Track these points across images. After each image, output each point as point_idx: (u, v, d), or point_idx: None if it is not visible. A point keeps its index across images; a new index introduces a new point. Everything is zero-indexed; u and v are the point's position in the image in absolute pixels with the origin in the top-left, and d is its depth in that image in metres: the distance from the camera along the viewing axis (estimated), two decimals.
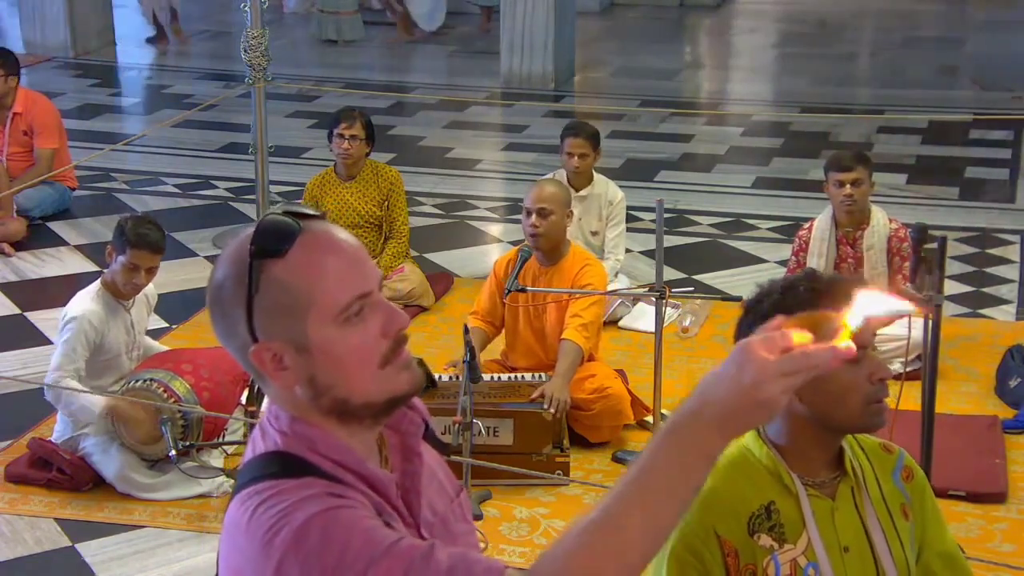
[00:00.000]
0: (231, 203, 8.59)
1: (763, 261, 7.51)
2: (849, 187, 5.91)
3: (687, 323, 6.53)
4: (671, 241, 7.27)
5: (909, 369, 5.06)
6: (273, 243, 1.73)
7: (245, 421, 5.13)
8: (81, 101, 11.21)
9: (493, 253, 7.52)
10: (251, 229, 1.75)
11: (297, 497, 1.68)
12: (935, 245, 3.98)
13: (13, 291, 7.11)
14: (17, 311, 6.85)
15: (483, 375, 4.92)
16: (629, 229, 7.16)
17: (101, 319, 5.09)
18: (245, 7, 7.22)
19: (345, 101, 10.02)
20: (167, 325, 6.50)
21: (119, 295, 5.18)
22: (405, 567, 1.63)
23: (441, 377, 5.24)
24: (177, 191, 8.85)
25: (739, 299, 2.84)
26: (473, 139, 10.21)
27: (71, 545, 4.77)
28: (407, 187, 7.02)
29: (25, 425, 5.54)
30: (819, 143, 9.71)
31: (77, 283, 6.35)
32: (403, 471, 1.84)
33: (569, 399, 5.25)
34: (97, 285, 5.19)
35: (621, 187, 6.96)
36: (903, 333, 5.22)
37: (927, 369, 4.15)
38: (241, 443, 5.19)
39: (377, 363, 1.74)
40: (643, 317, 6.47)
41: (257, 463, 1.77)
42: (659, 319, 4.98)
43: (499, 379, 5.37)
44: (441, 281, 7.11)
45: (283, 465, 1.73)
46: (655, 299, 4.95)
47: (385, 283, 6.39)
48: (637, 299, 6.60)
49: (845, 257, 6.03)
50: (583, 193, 6.65)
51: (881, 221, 6.03)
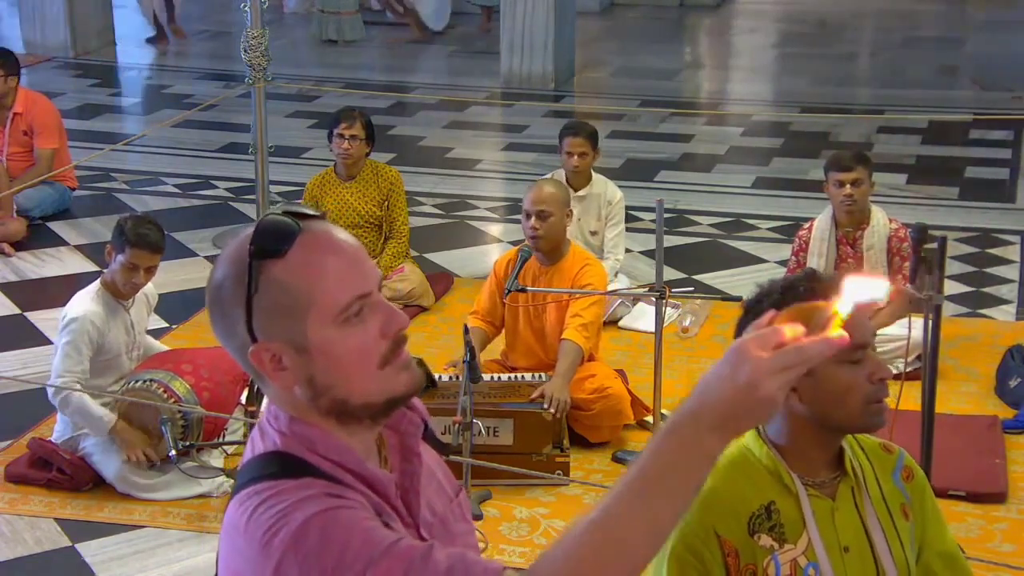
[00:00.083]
0: (231, 203, 8.59)
1: (763, 261, 7.51)
2: (849, 187, 5.91)
3: (687, 323, 6.53)
4: (671, 241, 7.27)
5: (909, 369, 5.07)
6: (273, 243, 1.72)
7: (245, 421, 5.13)
8: (81, 101, 11.21)
9: (493, 253, 7.52)
10: (251, 229, 1.75)
11: (296, 497, 1.68)
12: (935, 245, 3.99)
13: (13, 291, 7.11)
14: (17, 311, 6.85)
15: (483, 375, 4.92)
16: (629, 229, 7.16)
17: (102, 319, 5.09)
18: (245, 7, 7.21)
19: (345, 101, 10.02)
20: (167, 325, 6.50)
21: (119, 295, 5.18)
22: (404, 568, 1.62)
23: (441, 377, 5.24)
24: (177, 191, 8.85)
25: (739, 299, 2.84)
26: (473, 139, 10.21)
27: (71, 545, 4.77)
28: (407, 187, 7.02)
29: (25, 425, 5.54)
30: (819, 143, 9.70)
31: (77, 283, 6.34)
32: (402, 471, 1.84)
33: (569, 399, 5.25)
34: (97, 285, 5.19)
35: (621, 187, 6.95)
36: (903, 333, 5.23)
37: (927, 369, 4.15)
38: (241, 443, 5.19)
39: (376, 364, 1.74)
40: (643, 317, 6.47)
41: (256, 463, 1.77)
42: (659, 319, 4.98)
43: (499, 379, 5.36)
44: (441, 281, 7.11)
45: (282, 465, 1.73)
46: (655, 299, 4.95)
47: (385, 283, 6.39)
48: (637, 299, 6.59)
49: (845, 257, 6.02)
50: (582, 193, 6.65)
51: (881, 221, 6.02)
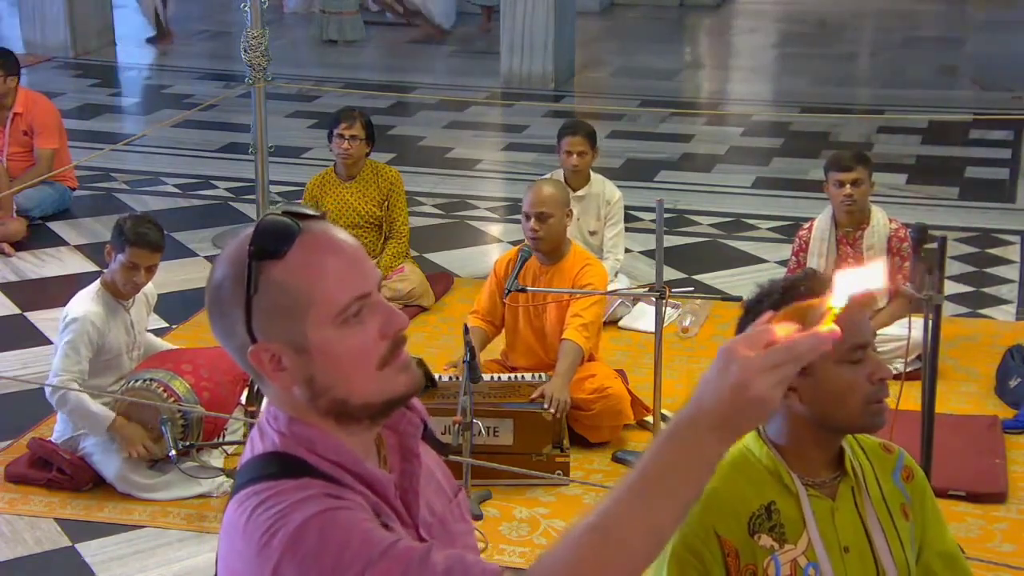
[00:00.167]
0: (231, 203, 8.59)
1: (763, 261, 7.51)
2: (849, 187, 5.91)
3: (687, 323, 6.53)
4: (671, 241, 7.27)
5: (909, 369, 5.07)
6: (272, 244, 1.72)
7: (245, 421, 5.13)
8: (81, 101, 11.21)
9: (493, 253, 7.52)
10: (250, 229, 1.75)
11: (295, 498, 1.68)
12: (935, 245, 3.98)
13: (13, 291, 7.11)
14: (17, 311, 6.85)
15: (483, 375, 4.92)
16: (629, 229, 7.16)
17: (102, 319, 5.09)
18: (245, 7, 7.21)
19: (345, 101, 10.02)
20: (167, 325, 6.50)
21: (119, 295, 5.18)
22: (402, 569, 1.62)
23: (441, 377, 5.24)
24: (177, 191, 8.85)
25: (739, 299, 2.84)
26: (473, 139, 10.21)
27: (71, 545, 4.77)
28: (407, 187, 7.02)
29: (25, 425, 5.54)
30: (819, 143, 9.71)
31: (77, 283, 6.34)
32: (401, 471, 1.84)
33: (569, 399, 5.25)
34: (97, 285, 5.19)
35: (621, 187, 6.95)
36: (903, 333, 5.23)
37: (927, 369, 4.15)
38: (241, 443, 5.19)
39: (376, 364, 1.74)
40: (643, 317, 6.47)
41: (255, 464, 1.77)
42: (659, 319, 4.98)
43: (499, 379, 5.36)
44: (441, 281, 7.11)
45: (281, 466, 1.73)
46: (655, 299, 4.94)
47: (385, 283, 6.39)
48: (637, 299, 6.59)
49: (845, 257, 6.02)
50: (580, 193, 6.64)
51: (881, 221, 6.02)
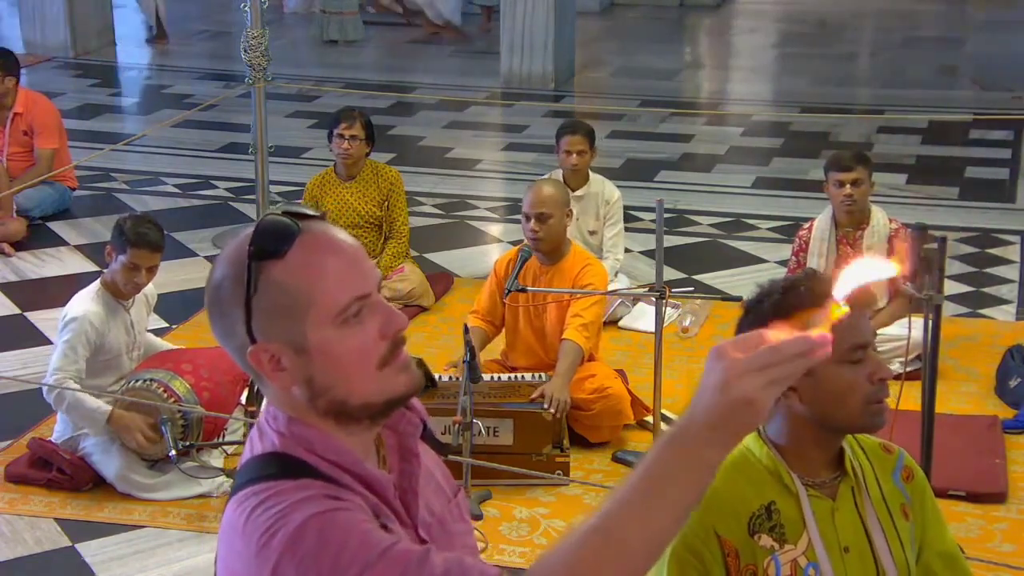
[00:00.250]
0: (231, 203, 8.59)
1: (763, 261, 7.51)
2: (849, 187, 5.91)
3: (687, 323, 6.53)
4: (671, 241, 7.27)
5: (909, 369, 5.06)
6: (272, 244, 1.72)
7: (245, 421, 5.13)
8: (81, 101, 11.21)
9: (493, 253, 7.52)
10: (250, 229, 1.74)
11: (294, 499, 1.67)
12: (935, 245, 3.98)
13: (13, 291, 7.11)
14: (17, 311, 6.85)
15: (483, 375, 4.92)
16: (629, 229, 7.15)
17: (102, 319, 5.08)
18: (245, 7, 7.21)
19: (345, 101, 10.02)
20: (167, 325, 6.50)
21: (119, 295, 5.18)
22: (400, 571, 1.62)
23: (441, 377, 5.24)
24: (177, 191, 8.85)
25: (739, 299, 2.84)
26: (473, 139, 10.21)
27: (71, 545, 4.77)
28: (407, 187, 7.02)
29: (25, 425, 5.54)
30: (819, 143, 9.71)
31: (77, 283, 6.34)
32: (401, 471, 1.84)
33: (569, 399, 5.25)
34: (97, 285, 5.19)
35: (621, 187, 6.95)
36: (903, 333, 5.23)
37: (927, 369, 4.15)
38: (241, 443, 5.19)
39: (375, 364, 1.74)
40: (643, 317, 6.47)
41: (255, 464, 1.76)
42: (659, 319, 4.98)
43: (499, 379, 5.36)
44: (441, 281, 7.11)
45: (281, 466, 1.73)
46: (655, 299, 4.94)
47: (385, 283, 6.39)
48: (637, 299, 6.59)
49: (845, 257, 6.02)
50: (579, 193, 6.64)
51: (881, 221, 6.02)
